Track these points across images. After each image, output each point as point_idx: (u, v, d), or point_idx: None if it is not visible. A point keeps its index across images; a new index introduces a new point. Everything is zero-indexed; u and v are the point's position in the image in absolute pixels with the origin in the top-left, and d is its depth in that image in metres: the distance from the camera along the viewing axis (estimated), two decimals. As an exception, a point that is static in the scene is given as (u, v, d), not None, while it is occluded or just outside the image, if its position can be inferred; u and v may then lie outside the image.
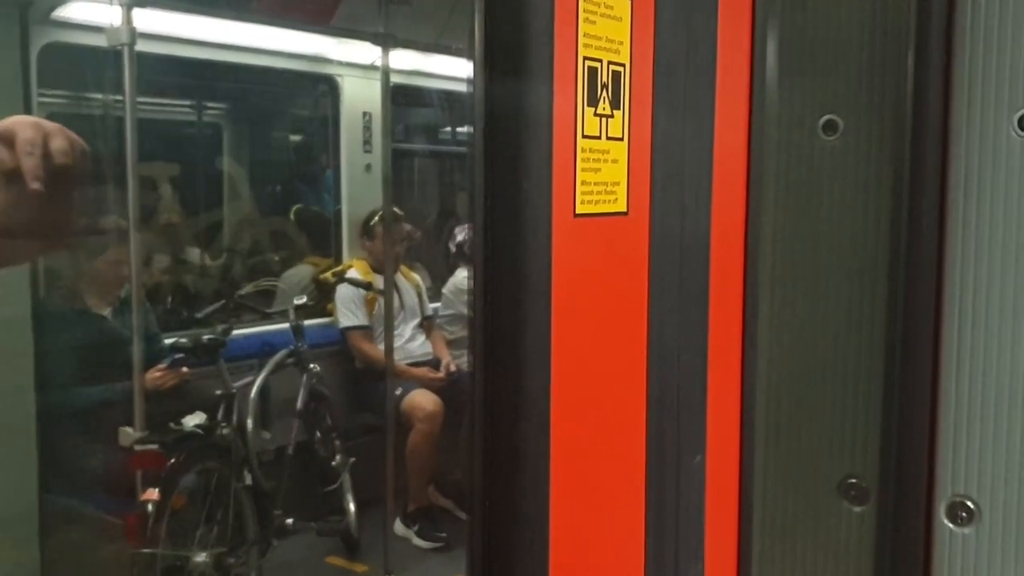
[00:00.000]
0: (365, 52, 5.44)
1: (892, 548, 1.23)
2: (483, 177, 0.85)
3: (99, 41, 3.91)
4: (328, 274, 5.59)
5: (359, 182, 5.86)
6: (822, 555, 1.30)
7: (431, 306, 5.95)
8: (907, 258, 1.20)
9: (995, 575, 1.19)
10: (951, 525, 1.20)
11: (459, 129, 7.37)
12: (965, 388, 1.19)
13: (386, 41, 4.96)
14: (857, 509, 1.27)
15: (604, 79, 0.90)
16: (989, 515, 1.18)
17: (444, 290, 5.98)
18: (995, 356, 1.18)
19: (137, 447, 3.79)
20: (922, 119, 1.17)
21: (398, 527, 5.31)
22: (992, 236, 1.17)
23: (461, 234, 5.91)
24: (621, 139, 0.93)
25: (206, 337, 4.39)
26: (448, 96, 6.62)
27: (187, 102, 6.47)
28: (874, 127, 1.23)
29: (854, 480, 1.27)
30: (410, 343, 5.70)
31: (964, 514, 1.19)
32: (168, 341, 4.44)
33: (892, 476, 1.22)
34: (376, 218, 5.54)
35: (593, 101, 0.89)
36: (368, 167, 5.87)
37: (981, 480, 1.18)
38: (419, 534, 5.29)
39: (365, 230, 5.71)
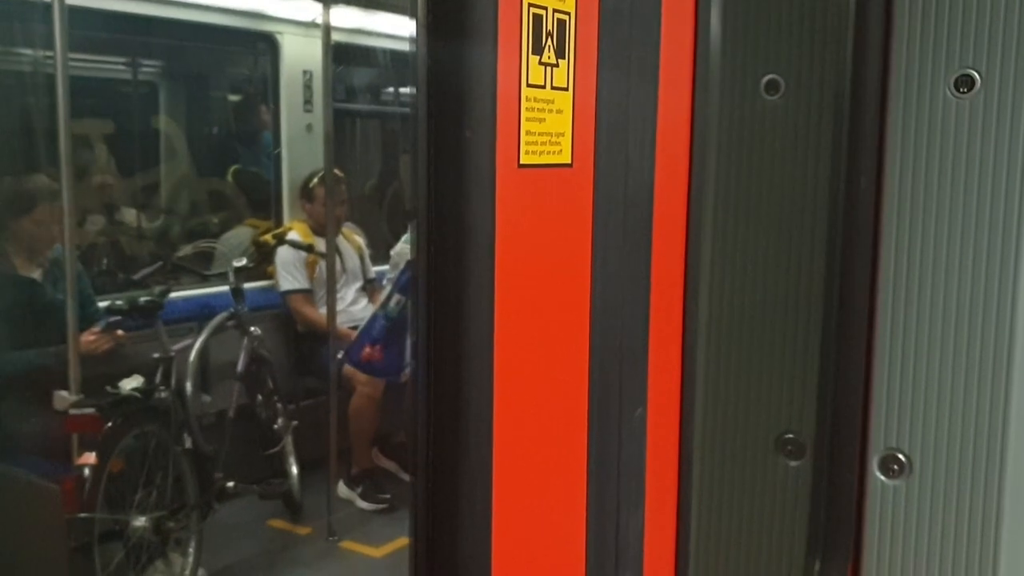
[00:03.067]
0: (306, 9, 5.33)
1: (827, 501, 1.26)
2: (426, 126, 0.84)
3: (27, -7, 3.78)
4: (268, 236, 5.51)
5: (299, 142, 5.77)
6: (759, 508, 1.32)
7: (374, 269, 5.90)
8: (845, 216, 1.22)
9: (925, 526, 1.22)
10: (883, 478, 1.23)
11: (403, 89, 7.28)
12: (899, 344, 1.22)
13: (327, -2, 4.87)
14: (793, 464, 1.29)
15: (549, 27, 0.89)
16: (920, 467, 1.21)
17: (392, 252, 5.94)
18: (928, 312, 1.21)
19: (73, 411, 3.72)
20: (862, 80, 1.18)
21: (341, 489, 5.30)
22: (927, 195, 1.20)
23: None
24: (566, 89, 0.92)
25: (143, 299, 4.31)
26: (392, 55, 6.54)
27: (122, 59, 6.30)
28: (815, 87, 1.24)
29: (791, 435, 1.29)
30: (352, 306, 5.66)
31: (896, 467, 1.22)
32: (104, 304, 4.35)
33: (827, 431, 1.25)
34: (316, 179, 5.47)
35: (538, 50, 0.88)
36: (309, 127, 5.78)
37: (912, 433, 1.22)
38: (363, 496, 5.29)
39: (305, 192, 5.64)
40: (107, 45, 5.90)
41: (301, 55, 5.69)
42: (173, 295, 4.62)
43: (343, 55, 6.02)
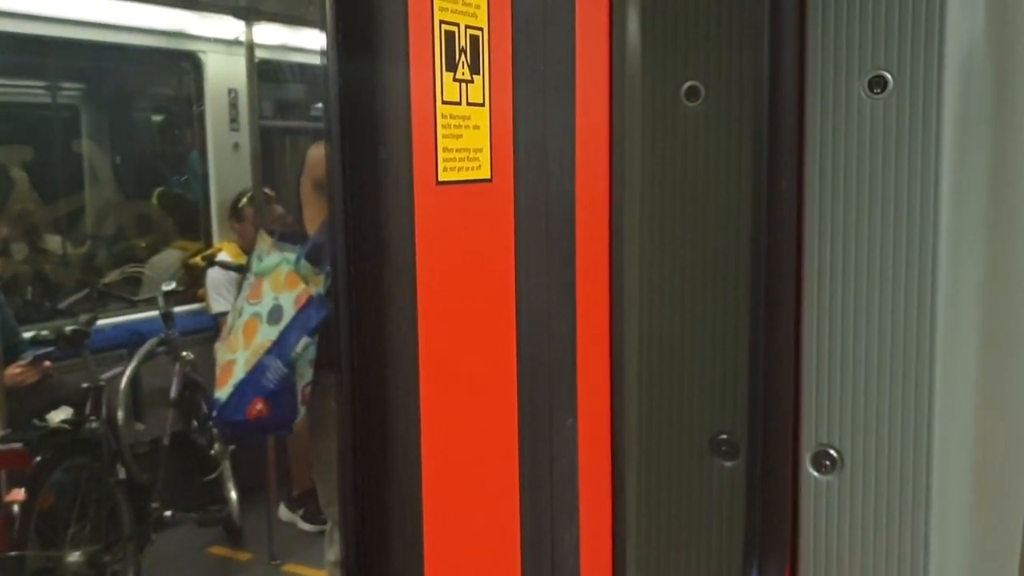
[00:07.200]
0: (229, 27, 5.27)
1: (762, 499, 1.27)
2: (340, 147, 0.83)
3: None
4: (198, 258, 5.42)
5: (227, 162, 5.69)
6: (696, 510, 1.33)
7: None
8: (768, 217, 1.24)
9: (858, 519, 1.24)
10: (816, 474, 1.25)
11: (330, 105, 7.20)
12: (826, 342, 1.24)
13: (249, 15, 4.83)
14: (728, 464, 1.30)
15: (462, 43, 0.89)
16: (851, 462, 1.23)
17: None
18: (852, 309, 1.23)
19: (-1, 446, 3.63)
20: (779, 83, 1.20)
21: (283, 512, 5.23)
22: (847, 194, 1.22)
23: None
24: (482, 104, 0.92)
25: (69, 328, 4.21)
26: (317, 70, 6.49)
27: (40, 83, 6.15)
28: (734, 92, 1.26)
29: (724, 436, 1.31)
30: (287, 325, 5.58)
31: (828, 462, 1.24)
32: (28, 334, 4.24)
33: (760, 430, 1.26)
34: (245, 199, 5.40)
35: (451, 66, 0.88)
36: (236, 146, 5.71)
37: (843, 429, 1.24)
38: (305, 518, 5.23)
39: (234, 212, 5.56)
40: (24, 69, 5.76)
41: (226, 73, 5.62)
42: (101, 322, 4.51)
43: (268, 72, 5.96)
